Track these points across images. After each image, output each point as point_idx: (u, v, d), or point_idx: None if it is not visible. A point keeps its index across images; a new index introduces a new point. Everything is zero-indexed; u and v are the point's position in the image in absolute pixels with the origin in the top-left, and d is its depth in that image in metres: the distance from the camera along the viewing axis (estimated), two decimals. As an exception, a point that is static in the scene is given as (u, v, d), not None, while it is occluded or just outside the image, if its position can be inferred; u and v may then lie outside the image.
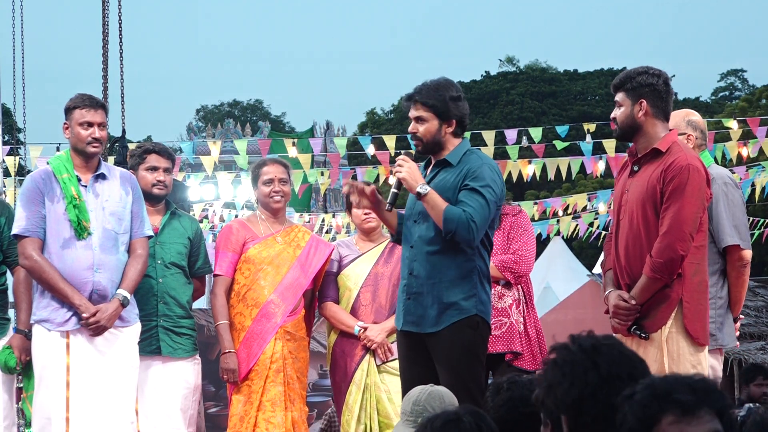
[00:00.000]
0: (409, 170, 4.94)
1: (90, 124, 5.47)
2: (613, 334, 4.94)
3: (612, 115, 4.87)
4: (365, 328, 5.99)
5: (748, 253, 5.31)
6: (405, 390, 4.83)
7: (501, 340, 5.93)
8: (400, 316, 5.07)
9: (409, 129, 5.07)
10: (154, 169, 5.97)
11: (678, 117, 5.51)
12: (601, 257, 5.52)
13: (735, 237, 5.26)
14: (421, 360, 5.00)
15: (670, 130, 4.86)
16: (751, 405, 7.33)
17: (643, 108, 4.76)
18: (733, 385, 9.87)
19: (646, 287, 4.67)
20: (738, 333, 5.62)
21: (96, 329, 5.33)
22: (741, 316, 5.63)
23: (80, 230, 5.36)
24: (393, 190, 5.02)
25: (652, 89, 4.77)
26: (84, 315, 5.31)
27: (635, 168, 4.82)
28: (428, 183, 4.95)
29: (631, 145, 4.89)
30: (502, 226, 6.01)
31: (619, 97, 4.81)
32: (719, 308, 5.29)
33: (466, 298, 4.94)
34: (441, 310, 4.93)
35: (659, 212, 4.68)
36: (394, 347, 5.89)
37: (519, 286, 6.08)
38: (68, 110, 5.52)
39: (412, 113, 5.05)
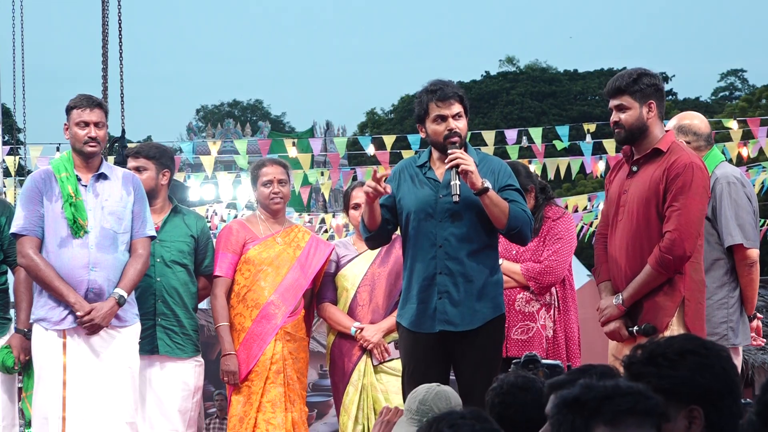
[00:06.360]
0: (474, 164, 4.87)
1: (86, 124, 5.48)
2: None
3: (614, 119, 4.82)
4: (361, 329, 5.98)
5: (753, 252, 5.27)
6: None
7: (526, 344, 5.76)
8: (427, 317, 4.99)
9: (451, 126, 4.97)
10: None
11: (670, 124, 5.49)
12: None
13: (738, 236, 5.24)
14: (437, 361, 4.99)
15: (667, 131, 4.88)
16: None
17: (652, 110, 4.76)
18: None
19: (647, 281, 4.69)
20: (761, 330, 5.61)
21: (90, 328, 5.33)
22: (759, 316, 5.63)
23: (76, 228, 5.37)
24: (455, 182, 4.86)
25: (657, 90, 4.78)
26: (78, 313, 5.31)
27: (634, 168, 4.82)
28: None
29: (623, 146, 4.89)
30: (540, 231, 5.79)
31: (625, 100, 4.78)
32: (731, 308, 5.28)
33: (498, 295, 5.03)
34: (479, 307, 4.95)
35: (661, 212, 4.68)
36: (392, 347, 5.88)
37: (554, 290, 5.86)
38: (67, 111, 5.55)
39: (452, 110, 4.99)
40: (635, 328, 4.73)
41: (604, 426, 2.34)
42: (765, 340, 5.81)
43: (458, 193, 4.85)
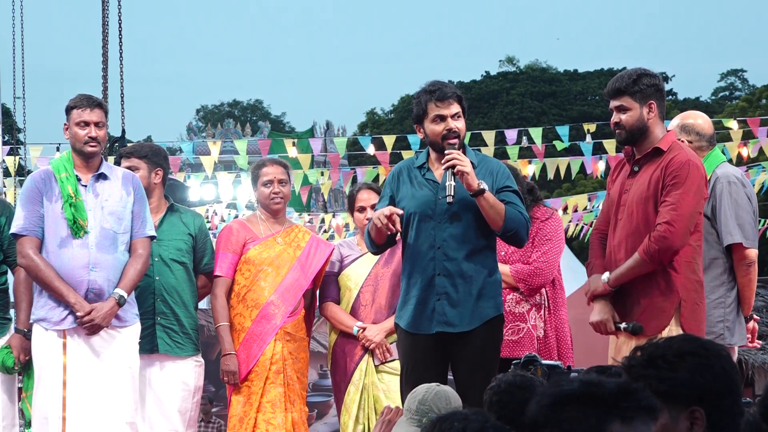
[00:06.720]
0: (470, 165, 4.88)
1: (86, 124, 5.48)
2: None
3: (614, 120, 4.83)
4: (364, 329, 5.98)
5: (752, 252, 5.28)
6: None
7: (517, 345, 5.79)
8: (425, 318, 5.00)
9: (450, 126, 4.97)
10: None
11: (673, 123, 5.50)
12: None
13: (737, 236, 5.25)
14: (435, 362, 5.00)
15: (668, 131, 4.89)
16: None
17: (653, 110, 4.78)
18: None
19: (633, 267, 4.72)
20: (756, 332, 5.61)
21: (90, 328, 5.33)
22: (756, 317, 5.63)
23: (76, 229, 5.37)
24: (450, 183, 4.86)
25: (657, 90, 4.80)
26: (78, 313, 5.31)
27: (635, 168, 4.83)
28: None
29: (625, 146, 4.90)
30: (530, 232, 5.66)
31: (625, 101, 4.79)
32: (727, 307, 5.29)
33: (496, 296, 5.03)
34: (478, 308, 4.96)
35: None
36: (393, 348, 5.87)
37: (544, 290, 5.84)
38: (67, 111, 5.55)
39: (451, 110, 4.99)
40: (623, 324, 4.74)
41: (621, 424, 2.25)
42: (760, 342, 5.80)
43: (452, 194, 4.85)
